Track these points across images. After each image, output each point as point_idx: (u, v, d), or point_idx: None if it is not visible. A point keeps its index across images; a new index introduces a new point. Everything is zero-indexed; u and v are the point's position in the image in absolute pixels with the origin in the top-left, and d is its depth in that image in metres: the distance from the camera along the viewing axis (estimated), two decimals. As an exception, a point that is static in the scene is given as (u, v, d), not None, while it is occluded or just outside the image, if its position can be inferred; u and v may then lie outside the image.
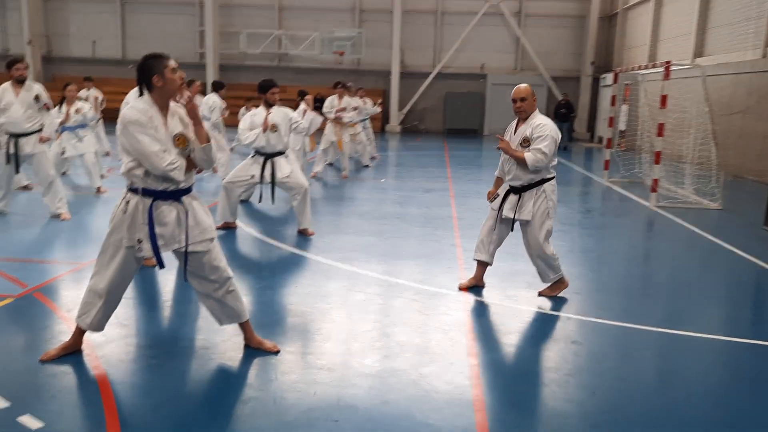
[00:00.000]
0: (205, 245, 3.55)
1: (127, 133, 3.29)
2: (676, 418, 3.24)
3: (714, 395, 3.58)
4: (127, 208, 3.41)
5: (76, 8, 25.64)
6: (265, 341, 3.85)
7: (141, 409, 3.09)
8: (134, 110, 3.31)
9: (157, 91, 3.38)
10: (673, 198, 10.13)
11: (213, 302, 3.69)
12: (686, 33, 17.07)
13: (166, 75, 3.36)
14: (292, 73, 25.12)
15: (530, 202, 4.93)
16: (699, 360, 4.05)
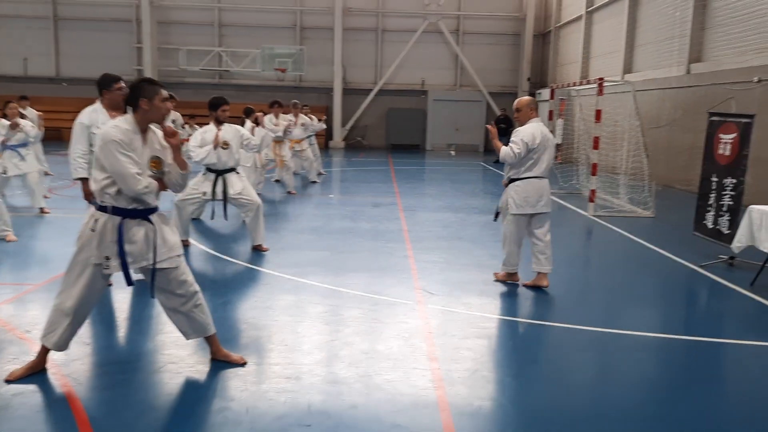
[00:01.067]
0: (173, 261, 3.62)
1: (107, 152, 3.36)
2: (614, 408, 3.50)
3: (648, 386, 3.86)
4: (96, 226, 3.45)
5: (6, 24, 24.82)
6: (232, 354, 3.93)
7: (113, 424, 3.12)
8: (117, 130, 3.38)
9: (142, 114, 3.47)
10: (609, 207, 10.66)
11: (180, 316, 3.75)
12: (616, 50, 17.97)
13: (154, 102, 3.47)
14: (233, 89, 24.99)
15: (504, 195, 5.86)
16: (633, 355, 4.36)
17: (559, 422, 3.30)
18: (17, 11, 24.69)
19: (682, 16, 14.29)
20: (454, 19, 25.49)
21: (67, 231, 7.76)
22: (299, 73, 24.47)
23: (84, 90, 24.79)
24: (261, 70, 24.10)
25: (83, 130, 5.16)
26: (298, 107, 12.56)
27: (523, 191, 5.63)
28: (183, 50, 24.53)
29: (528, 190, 5.63)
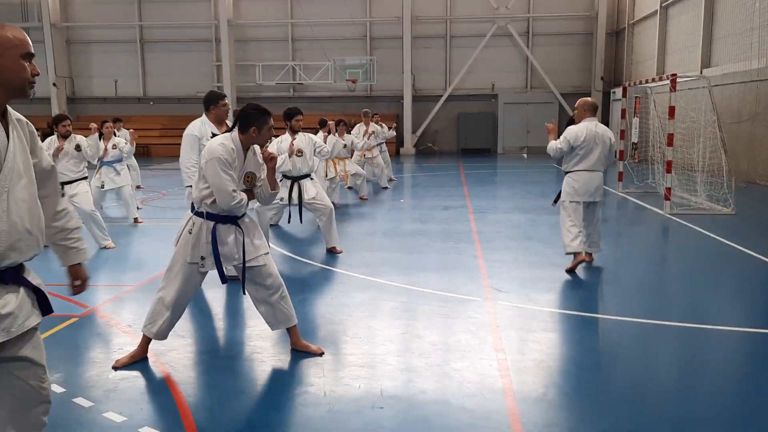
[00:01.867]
0: (259, 260, 3.98)
1: (210, 166, 3.75)
2: (696, 401, 3.57)
3: (733, 379, 3.88)
4: (192, 229, 3.86)
5: (99, 49, 26.60)
6: (311, 345, 4.23)
7: (208, 403, 3.48)
8: (223, 149, 3.76)
9: (248, 137, 3.85)
10: (686, 205, 10.43)
11: (268, 307, 4.08)
12: (693, 45, 17.44)
13: (263, 131, 3.84)
14: (306, 101, 25.76)
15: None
16: (716, 349, 4.37)
17: (622, 411, 3.41)
18: (109, 37, 26.42)
19: (762, 6, 13.76)
20: (523, 21, 25.35)
21: (158, 238, 8.39)
22: (370, 82, 24.98)
23: (168, 108, 26.27)
24: (333, 81, 24.76)
25: (194, 141, 5.62)
26: (369, 116, 12.95)
27: (573, 182, 6.30)
28: (259, 66, 25.53)
29: (578, 181, 6.27)
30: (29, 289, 2.25)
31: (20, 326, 2.19)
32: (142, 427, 3.17)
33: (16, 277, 2.20)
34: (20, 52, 2.12)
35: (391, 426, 3.19)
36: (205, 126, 5.68)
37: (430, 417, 3.29)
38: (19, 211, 2.13)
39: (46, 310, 2.30)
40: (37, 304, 2.28)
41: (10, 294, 2.16)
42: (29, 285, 2.24)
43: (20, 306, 2.19)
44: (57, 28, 25.80)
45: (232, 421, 3.28)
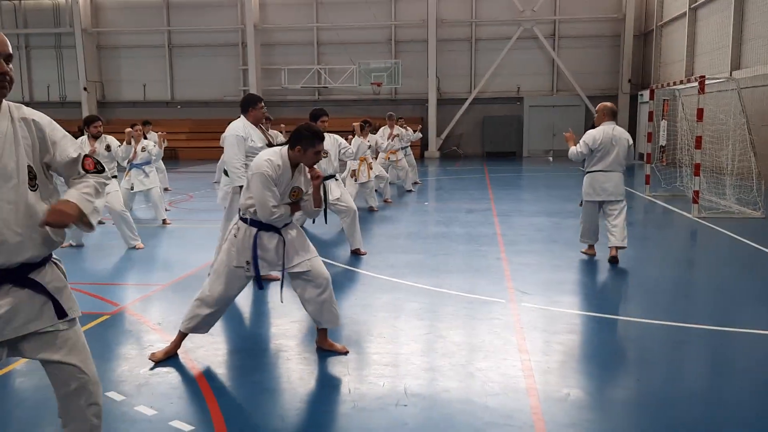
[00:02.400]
0: (304, 265, 4.08)
1: (255, 180, 3.85)
2: (722, 404, 3.55)
3: (760, 383, 3.85)
4: (238, 233, 3.98)
5: (128, 54, 27.09)
6: (336, 344, 4.29)
7: (235, 399, 3.55)
8: (270, 165, 3.84)
9: (295, 155, 3.91)
10: (714, 209, 10.29)
11: (315, 306, 4.15)
12: (722, 47, 17.20)
13: (308, 153, 3.90)
14: (331, 105, 25.90)
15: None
16: (744, 353, 4.33)
17: (646, 413, 3.40)
18: (138, 42, 26.90)
19: (794, 6, 13.53)
20: (549, 24, 25.22)
21: (186, 239, 8.54)
22: (394, 86, 25.05)
23: (195, 112, 26.64)
24: (358, 85, 24.88)
25: (240, 141, 5.78)
26: (393, 119, 13.01)
27: (591, 182, 6.79)
28: (284, 69, 25.77)
29: (595, 180, 6.75)
30: (38, 292, 2.22)
31: (16, 329, 2.18)
32: (172, 420, 3.26)
33: (15, 278, 2.17)
34: None
35: (414, 423, 3.23)
36: (248, 127, 5.85)
37: (453, 415, 3.32)
38: (2, 213, 2.10)
39: (60, 314, 2.27)
40: (53, 307, 2.25)
41: (3, 296, 2.15)
42: (38, 288, 2.21)
43: (16, 309, 2.16)
44: (88, 33, 26.34)
45: (258, 416, 3.35)
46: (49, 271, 2.28)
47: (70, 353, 2.32)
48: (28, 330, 2.21)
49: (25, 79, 27.15)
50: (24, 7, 27.04)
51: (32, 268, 2.22)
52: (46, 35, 27.12)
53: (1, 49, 2.13)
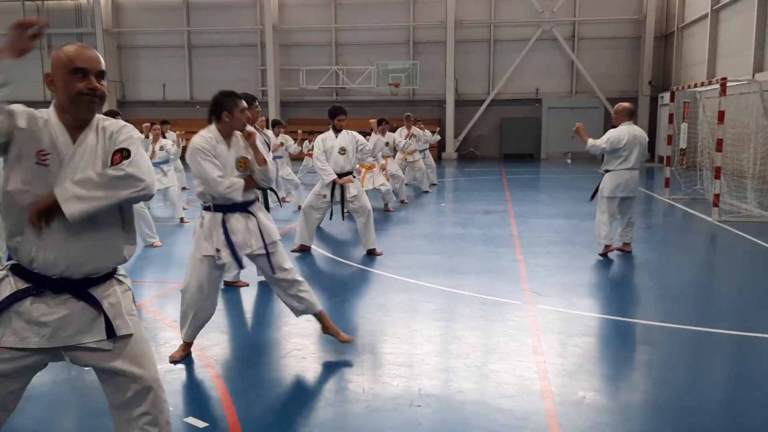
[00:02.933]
0: (272, 247, 4.09)
1: (193, 160, 3.90)
2: (740, 410, 3.49)
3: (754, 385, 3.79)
4: (203, 223, 4.00)
5: (148, 54, 27.35)
6: (341, 332, 4.32)
7: (250, 397, 3.56)
8: (200, 138, 3.92)
9: (224, 124, 3.97)
10: (735, 212, 10.15)
11: (290, 298, 4.19)
12: (745, 48, 16.96)
13: (235, 114, 3.94)
14: (349, 106, 25.66)
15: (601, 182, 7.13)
16: (765, 358, 4.25)
17: (663, 417, 3.36)
18: (158, 42, 27.15)
19: (819, 7, 13.31)
20: (569, 26, 25.05)
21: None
22: (412, 87, 25.03)
23: (214, 111, 26.80)
24: (375, 85, 24.89)
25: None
26: (411, 120, 12.99)
27: (616, 179, 6.97)
28: (303, 70, 25.85)
29: (620, 178, 6.96)
30: (94, 307, 2.22)
31: (65, 339, 2.19)
32: (187, 417, 3.27)
33: (75, 289, 2.20)
34: (68, 69, 2.17)
35: (428, 424, 3.22)
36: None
37: (467, 417, 3.30)
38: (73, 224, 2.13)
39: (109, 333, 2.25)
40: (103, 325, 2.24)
41: (59, 305, 2.18)
42: (95, 302, 2.22)
43: (68, 319, 2.19)
44: (109, 33, 26.64)
45: (272, 414, 3.36)
46: (109, 288, 2.29)
47: (123, 360, 2.28)
48: (76, 342, 2.22)
49: (47, 79, 27.51)
50: (47, 7, 27.41)
51: (94, 282, 2.25)
52: (68, 35, 27.42)
53: (93, 65, 2.19)
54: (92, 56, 2.20)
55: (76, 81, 2.16)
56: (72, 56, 2.18)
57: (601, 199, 7.10)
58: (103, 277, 2.28)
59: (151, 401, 2.31)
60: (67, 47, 2.22)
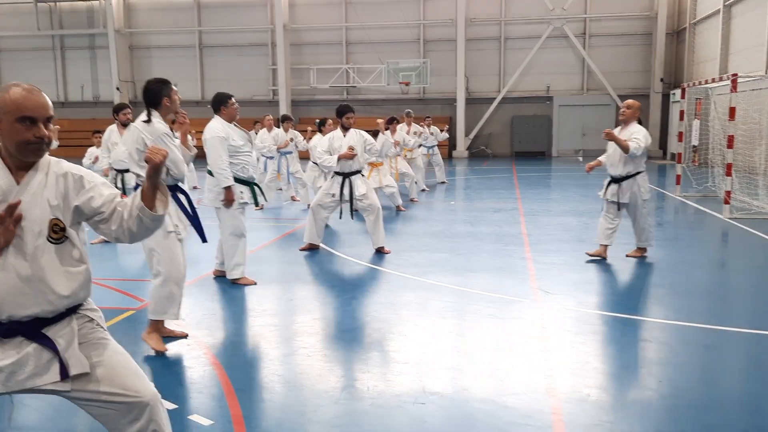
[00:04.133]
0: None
1: (160, 143, 4.10)
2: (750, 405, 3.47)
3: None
4: None
5: (159, 54, 27.51)
6: (175, 330, 4.55)
7: (254, 394, 3.58)
8: (162, 125, 4.23)
9: (165, 109, 4.30)
10: (747, 210, 10.06)
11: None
12: (758, 45, 16.79)
13: (172, 97, 4.33)
14: (359, 104, 25.96)
15: (628, 189, 6.72)
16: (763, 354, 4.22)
17: (669, 415, 3.34)
18: (169, 42, 27.31)
19: (834, 2, 13.14)
20: (580, 23, 24.91)
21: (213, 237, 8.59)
22: (423, 85, 25.00)
23: (225, 111, 26.93)
24: (386, 84, 24.88)
25: (222, 142, 5.73)
26: (411, 116, 12.97)
27: (647, 180, 6.84)
28: (313, 69, 25.90)
29: (648, 179, 6.84)
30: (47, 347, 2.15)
31: (20, 383, 2.14)
32: (191, 414, 3.30)
33: (25, 332, 2.14)
34: (14, 116, 2.09)
35: (432, 421, 3.22)
36: (227, 127, 5.78)
37: (472, 414, 3.30)
38: (15, 264, 2.09)
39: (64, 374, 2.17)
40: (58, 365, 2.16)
41: (10, 349, 2.12)
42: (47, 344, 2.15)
43: (21, 362, 2.12)
44: (121, 34, 26.82)
45: (277, 411, 3.38)
46: (66, 325, 2.21)
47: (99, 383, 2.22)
48: (31, 385, 2.17)
49: (60, 80, 27.75)
50: (59, 8, 27.61)
51: (47, 322, 2.17)
52: (80, 36, 27.68)
53: (42, 113, 2.12)
54: (40, 103, 2.12)
55: (23, 130, 2.09)
56: (19, 103, 2.09)
57: (640, 203, 6.76)
58: (59, 317, 2.20)
59: (148, 416, 2.25)
60: (13, 90, 2.11)
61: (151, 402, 2.26)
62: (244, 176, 5.90)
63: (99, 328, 2.33)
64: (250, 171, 5.96)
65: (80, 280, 2.23)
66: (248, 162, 5.95)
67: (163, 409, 2.33)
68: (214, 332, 4.67)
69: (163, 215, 2.29)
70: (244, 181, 5.92)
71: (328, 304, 5.52)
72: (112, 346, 2.33)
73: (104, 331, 2.35)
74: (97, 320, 2.33)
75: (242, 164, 5.89)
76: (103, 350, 2.28)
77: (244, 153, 5.91)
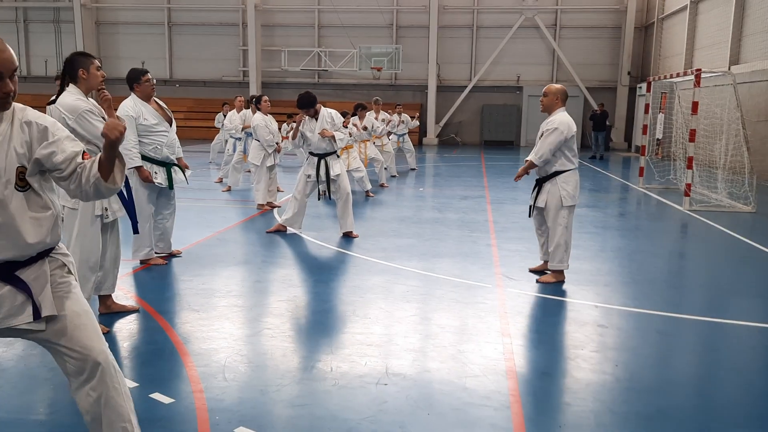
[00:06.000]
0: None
1: (83, 121, 4.03)
2: (701, 388, 3.60)
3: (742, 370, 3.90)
4: None
5: (127, 31, 26.94)
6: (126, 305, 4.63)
7: (217, 374, 3.59)
8: (81, 101, 4.06)
9: (82, 82, 4.14)
10: (706, 202, 10.34)
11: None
12: (722, 41, 17.17)
13: (91, 71, 4.14)
14: (331, 89, 25.89)
15: (546, 191, 5.63)
16: (728, 343, 4.38)
17: (623, 397, 3.46)
18: (137, 19, 26.73)
19: (795, 2, 13.50)
20: (551, 14, 25.13)
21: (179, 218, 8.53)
22: (395, 71, 24.97)
23: (194, 91, 26.54)
24: (358, 69, 24.79)
25: (131, 121, 5.53)
26: (380, 104, 12.95)
27: (577, 180, 5.60)
28: (285, 51, 25.66)
29: (576, 180, 5.61)
30: (20, 289, 2.24)
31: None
32: (152, 393, 3.30)
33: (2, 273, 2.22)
34: None
35: (393, 402, 3.28)
36: (139, 105, 5.58)
37: (432, 395, 3.37)
38: None
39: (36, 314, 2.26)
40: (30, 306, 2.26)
41: None
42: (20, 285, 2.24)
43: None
44: (87, 9, 26.15)
45: (239, 390, 3.39)
46: (39, 269, 2.29)
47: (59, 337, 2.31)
48: (7, 324, 2.25)
49: (22, 53, 26.99)
50: (23, -20, 26.82)
51: (20, 265, 2.25)
52: (44, 9, 26.93)
53: (8, 67, 2.14)
54: (6, 57, 2.14)
55: None
56: None
57: (561, 210, 5.53)
58: (31, 260, 2.27)
59: (99, 377, 2.32)
60: None
61: (103, 363, 2.33)
62: (157, 157, 5.69)
63: (69, 276, 2.41)
64: (165, 151, 5.71)
65: (47, 226, 2.27)
66: (162, 142, 5.67)
67: (118, 376, 2.39)
68: (177, 313, 4.65)
69: (120, 185, 2.34)
70: (159, 162, 5.74)
71: (295, 287, 5.53)
72: (77, 299, 2.39)
73: (74, 279, 2.43)
74: (68, 266, 2.42)
75: (155, 144, 5.64)
76: (68, 303, 2.35)
77: (158, 132, 5.63)
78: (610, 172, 16.32)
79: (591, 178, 14.22)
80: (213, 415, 3.09)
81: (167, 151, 5.75)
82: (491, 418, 3.13)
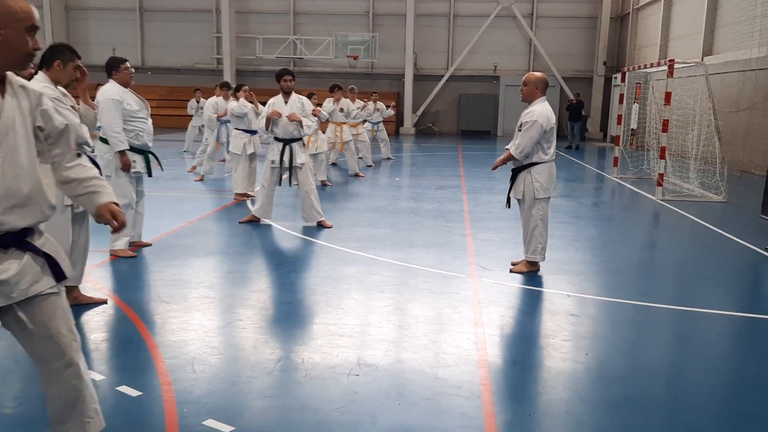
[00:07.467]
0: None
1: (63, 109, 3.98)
2: (672, 376, 3.64)
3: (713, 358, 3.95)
4: None
5: (97, 17, 26.40)
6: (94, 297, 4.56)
7: (186, 366, 3.53)
8: (50, 90, 3.99)
9: (54, 73, 4.13)
10: (678, 192, 10.47)
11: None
12: (696, 32, 17.36)
13: (67, 68, 4.14)
14: (306, 77, 25.65)
15: (521, 182, 5.57)
16: (698, 331, 4.44)
17: (594, 386, 3.48)
18: (108, 4, 26.20)
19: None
20: (528, 3, 25.17)
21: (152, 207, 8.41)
22: (371, 59, 24.84)
23: (167, 79, 26.13)
24: (334, 57, 24.62)
25: (116, 105, 5.51)
26: (355, 92, 12.78)
27: (550, 172, 5.52)
28: (259, 39, 25.37)
29: (551, 172, 5.53)
30: (38, 255, 2.24)
31: (23, 291, 2.20)
32: (119, 385, 3.24)
33: (20, 242, 2.19)
34: (25, 25, 2.08)
35: (364, 392, 3.26)
36: (122, 91, 5.58)
37: (403, 385, 3.35)
38: (16, 175, 2.11)
39: (59, 276, 2.30)
40: (49, 270, 2.28)
41: (11, 260, 2.17)
42: (38, 251, 2.24)
43: (22, 272, 2.19)
44: (57, -7, 25.56)
45: (208, 382, 3.34)
46: (41, 237, 2.30)
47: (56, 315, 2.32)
48: (35, 291, 2.24)
49: (-10, 39, 26.30)
50: (-10, -37, 26.10)
51: (30, 233, 2.25)
52: (12, -6, 26.25)
53: (32, 21, 2.11)
54: (29, 10, 2.11)
55: (30, 40, 2.11)
56: (30, 12, 2.09)
57: (535, 202, 5.49)
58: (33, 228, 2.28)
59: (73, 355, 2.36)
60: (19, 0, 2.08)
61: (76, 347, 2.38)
62: (137, 143, 5.70)
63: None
64: (145, 138, 5.73)
65: (56, 191, 2.31)
66: (143, 129, 5.70)
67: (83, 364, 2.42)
68: (147, 304, 4.58)
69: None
70: (138, 149, 5.73)
71: (267, 277, 5.48)
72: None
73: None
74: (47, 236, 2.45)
75: (136, 131, 5.66)
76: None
77: (139, 119, 5.66)
78: (585, 162, 16.45)
79: (566, 168, 14.31)
80: (181, 407, 3.04)
81: (147, 138, 5.79)
82: (461, 407, 3.12)
